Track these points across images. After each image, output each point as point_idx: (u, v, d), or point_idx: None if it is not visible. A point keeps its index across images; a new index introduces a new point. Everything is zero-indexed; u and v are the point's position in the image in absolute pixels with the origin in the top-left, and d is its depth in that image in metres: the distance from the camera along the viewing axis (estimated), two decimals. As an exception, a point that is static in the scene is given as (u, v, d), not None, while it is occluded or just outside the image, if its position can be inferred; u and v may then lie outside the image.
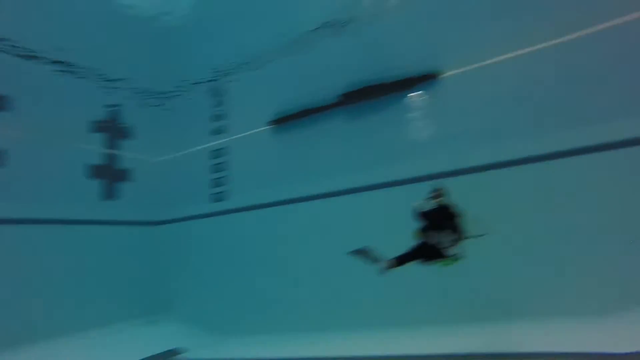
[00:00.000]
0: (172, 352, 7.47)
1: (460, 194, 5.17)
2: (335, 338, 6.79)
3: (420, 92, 7.03)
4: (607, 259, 5.42)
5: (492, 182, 6.22)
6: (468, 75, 6.70)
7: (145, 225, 9.69)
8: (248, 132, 8.94)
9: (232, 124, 9.30)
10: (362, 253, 5.27)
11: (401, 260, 5.00)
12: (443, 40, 6.91)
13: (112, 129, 9.24)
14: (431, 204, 5.01)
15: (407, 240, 5.03)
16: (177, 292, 9.37)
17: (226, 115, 9.39)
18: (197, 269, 9.20)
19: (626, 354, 4.38)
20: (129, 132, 9.54)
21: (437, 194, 5.00)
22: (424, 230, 4.97)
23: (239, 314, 8.23)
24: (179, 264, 9.52)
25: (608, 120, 5.63)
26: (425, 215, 5.00)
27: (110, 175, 9.07)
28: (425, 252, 4.90)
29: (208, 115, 9.58)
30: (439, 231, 4.83)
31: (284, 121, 8.34)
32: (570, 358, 4.61)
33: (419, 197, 5.09)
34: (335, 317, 7.12)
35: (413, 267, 5.13)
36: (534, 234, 5.87)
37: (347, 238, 6.79)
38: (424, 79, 6.97)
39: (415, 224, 5.03)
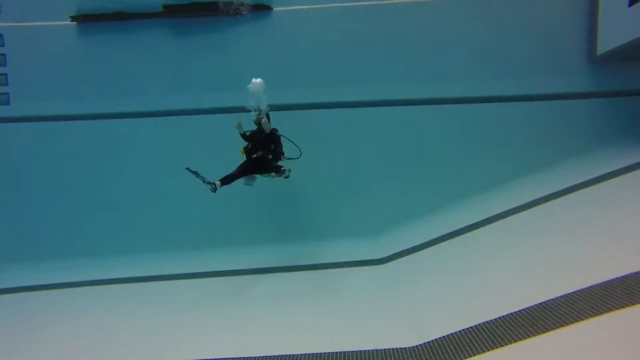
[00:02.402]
0: None
1: (282, 125, 5.89)
2: (161, 258, 6.80)
3: (251, 21, 6.90)
4: (387, 190, 6.89)
5: (313, 118, 6.88)
6: (301, 15, 6.89)
7: None
8: (37, 23, 7.05)
9: (9, 4, 7.10)
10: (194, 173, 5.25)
11: (230, 178, 5.32)
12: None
13: None
14: (254, 126, 5.66)
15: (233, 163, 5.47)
16: None
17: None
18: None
19: (386, 257, 5.93)
20: None
21: (260, 117, 5.57)
22: (248, 148, 5.59)
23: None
24: None
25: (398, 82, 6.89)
26: (248, 136, 5.63)
27: None
28: (250, 168, 5.47)
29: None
30: (262, 150, 5.48)
31: (91, 20, 6.90)
32: (352, 265, 5.92)
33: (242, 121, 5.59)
34: (158, 238, 7.08)
35: (235, 191, 5.64)
36: (336, 168, 6.92)
37: (167, 161, 6.60)
38: (258, 8, 6.84)
39: (241, 144, 5.67)
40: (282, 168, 5.46)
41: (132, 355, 4.02)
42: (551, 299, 3.31)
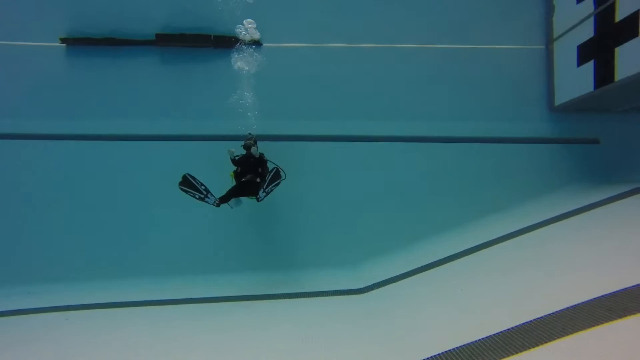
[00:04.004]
0: None
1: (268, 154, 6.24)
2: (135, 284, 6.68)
3: (242, 54, 7.20)
4: (367, 220, 7.15)
5: (297, 149, 7.10)
6: (289, 52, 7.27)
7: None
8: (24, 43, 7.03)
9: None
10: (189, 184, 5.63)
11: (225, 197, 5.74)
12: (273, 12, 7.22)
13: None
14: (243, 151, 6.01)
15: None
16: None
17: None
18: None
19: (366, 287, 6.05)
20: None
21: (249, 143, 5.96)
22: (237, 172, 5.95)
23: None
24: None
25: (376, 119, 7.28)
26: (238, 160, 6.00)
27: None
28: (240, 191, 5.83)
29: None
30: (250, 173, 5.85)
31: (81, 43, 6.97)
32: (332, 294, 6.00)
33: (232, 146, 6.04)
34: (132, 264, 6.98)
35: (213, 218, 6.02)
36: (318, 198, 7.13)
37: (146, 185, 6.65)
38: (249, 43, 7.17)
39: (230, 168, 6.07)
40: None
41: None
42: (525, 323, 3.53)
